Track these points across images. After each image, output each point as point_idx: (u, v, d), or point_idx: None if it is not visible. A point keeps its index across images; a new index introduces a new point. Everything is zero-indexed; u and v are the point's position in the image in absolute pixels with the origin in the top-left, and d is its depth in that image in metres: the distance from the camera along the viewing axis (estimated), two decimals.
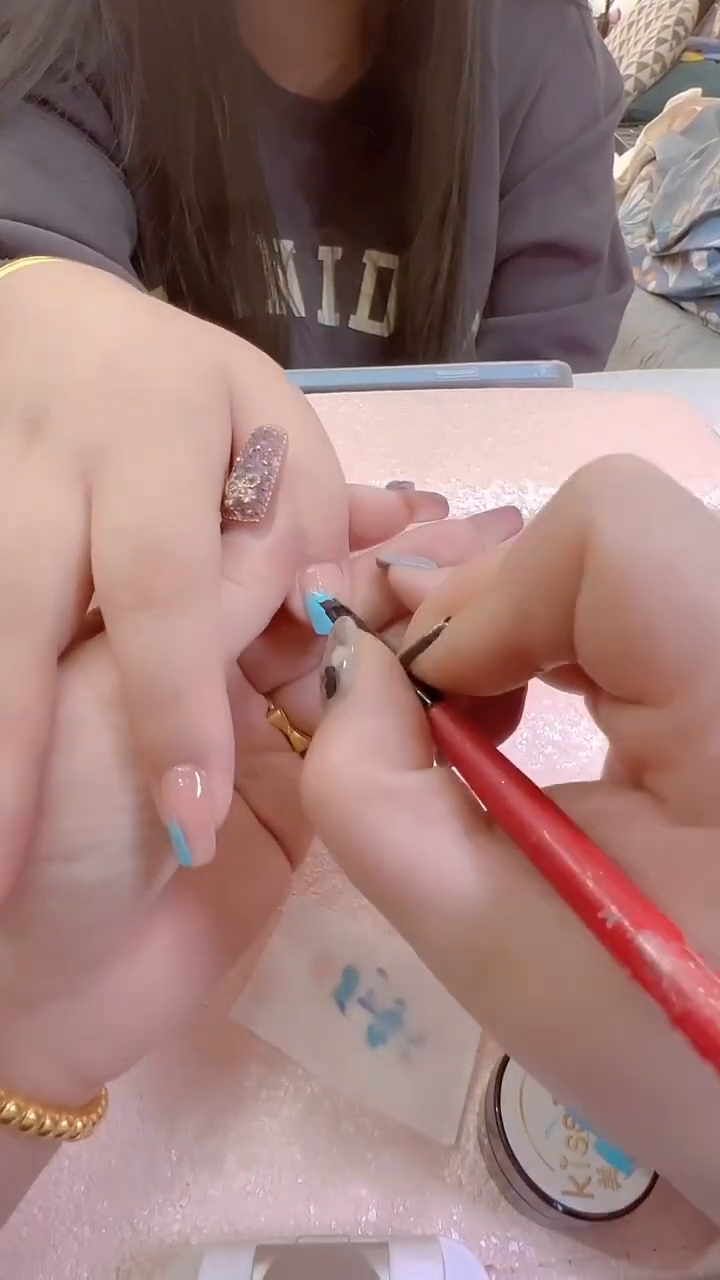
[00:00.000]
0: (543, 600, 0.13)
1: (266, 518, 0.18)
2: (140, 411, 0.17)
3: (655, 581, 0.12)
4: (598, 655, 0.13)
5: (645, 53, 2.17)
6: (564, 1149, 0.24)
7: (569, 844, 0.12)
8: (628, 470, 0.13)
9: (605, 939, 0.11)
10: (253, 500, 0.18)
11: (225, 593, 0.18)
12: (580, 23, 0.60)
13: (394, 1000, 0.31)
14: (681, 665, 0.11)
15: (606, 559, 0.12)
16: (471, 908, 0.13)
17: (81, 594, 0.17)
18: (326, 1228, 0.26)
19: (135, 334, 0.19)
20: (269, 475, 0.18)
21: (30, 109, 0.50)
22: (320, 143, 0.57)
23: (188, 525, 0.16)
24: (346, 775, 0.15)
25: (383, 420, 0.45)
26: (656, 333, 1.51)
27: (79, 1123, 0.20)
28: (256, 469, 0.18)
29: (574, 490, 0.13)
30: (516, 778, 0.14)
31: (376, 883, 0.14)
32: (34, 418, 0.18)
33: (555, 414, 0.45)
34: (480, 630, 0.15)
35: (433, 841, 0.14)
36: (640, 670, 0.12)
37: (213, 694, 0.16)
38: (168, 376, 0.18)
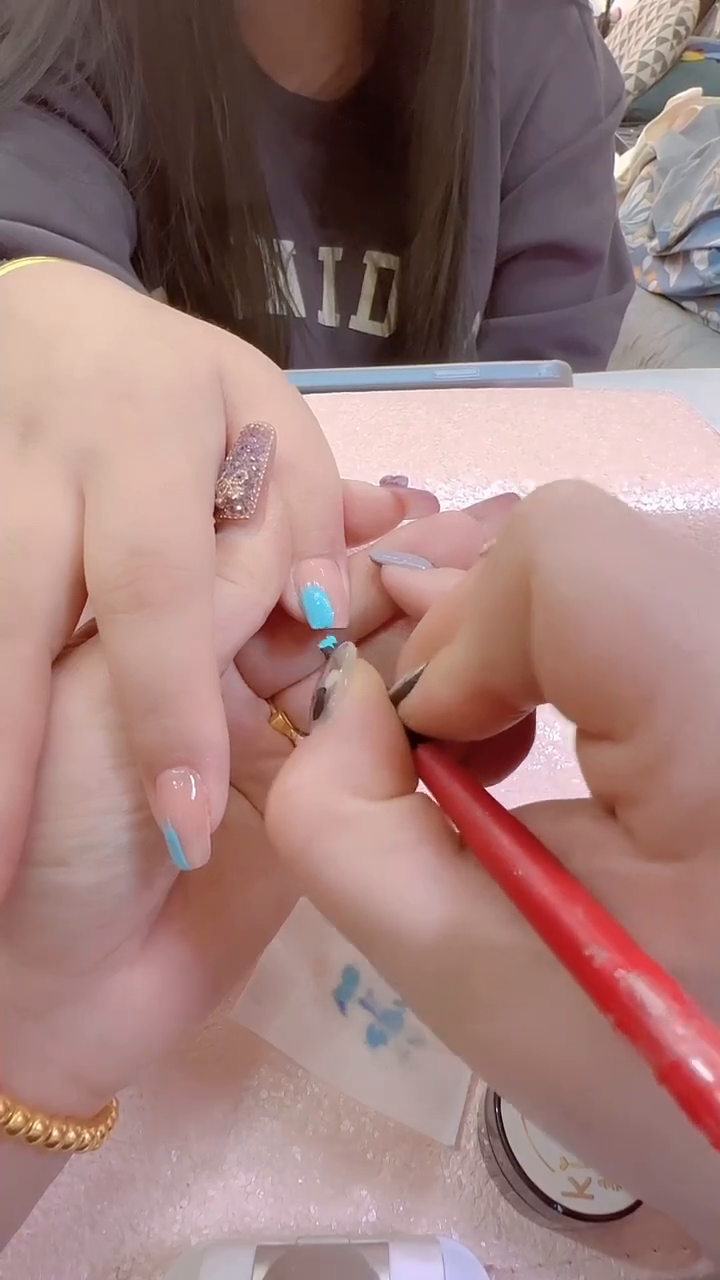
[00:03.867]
0: (502, 641, 0.13)
1: (256, 515, 0.18)
2: (133, 413, 0.17)
3: (601, 610, 0.11)
4: (559, 692, 0.12)
5: (646, 52, 2.17)
6: (564, 1150, 0.24)
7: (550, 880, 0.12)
8: (566, 496, 0.12)
9: (589, 979, 0.10)
10: (241, 497, 0.18)
11: (218, 591, 0.17)
12: (581, 23, 0.60)
13: (394, 1000, 0.31)
14: (636, 692, 0.11)
15: (549, 590, 0.12)
16: (432, 935, 0.13)
17: (75, 597, 0.17)
18: (327, 1228, 0.26)
19: (129, 335, 0.19)
20: (257, 472, 0.18)
21: (30, 110, 0.50)
22: (321, 143, 0.57)
23: (179, 527, 0.16)
24: (305, 799, 0.15)
25: (383, 420, 0.45)
26: (657, 332, 1.51)
27: (87, 1134, 0.19)
28: (245, 466, 0.18)
29: (518, 521, 0.13)
30: (498, 813, 0.13)
31: (328, 907, 0.14)
32: (28, 418, 0.18)
33: (556, 413, 0.45)
34: (450, 678, 0.15)
35: (390, 870, 0.13)
36: (599, 703, 0.12)
37: (206, 695, 0.16)
38: (161, 377, 0.18)
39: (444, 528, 0.22)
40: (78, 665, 0.17)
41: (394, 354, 0.63)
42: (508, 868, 0.12)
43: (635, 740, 0.11)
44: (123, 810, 0.17)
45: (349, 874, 0.14)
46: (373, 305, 0.63)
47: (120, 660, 0.16)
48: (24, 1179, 0.20)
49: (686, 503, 0.40)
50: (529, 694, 0.13)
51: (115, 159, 0.53)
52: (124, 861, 0.17)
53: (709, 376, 0.62)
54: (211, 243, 0.55)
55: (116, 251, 0.54)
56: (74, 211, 0.50)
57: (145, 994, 0.20)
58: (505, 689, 0.14)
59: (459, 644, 0.14)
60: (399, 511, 0.23)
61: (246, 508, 0.18)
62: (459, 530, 0.22)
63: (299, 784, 0.15)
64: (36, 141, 0.50)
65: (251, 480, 0.18)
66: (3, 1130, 0.18)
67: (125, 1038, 0.20)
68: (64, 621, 0.17)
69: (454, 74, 0.51)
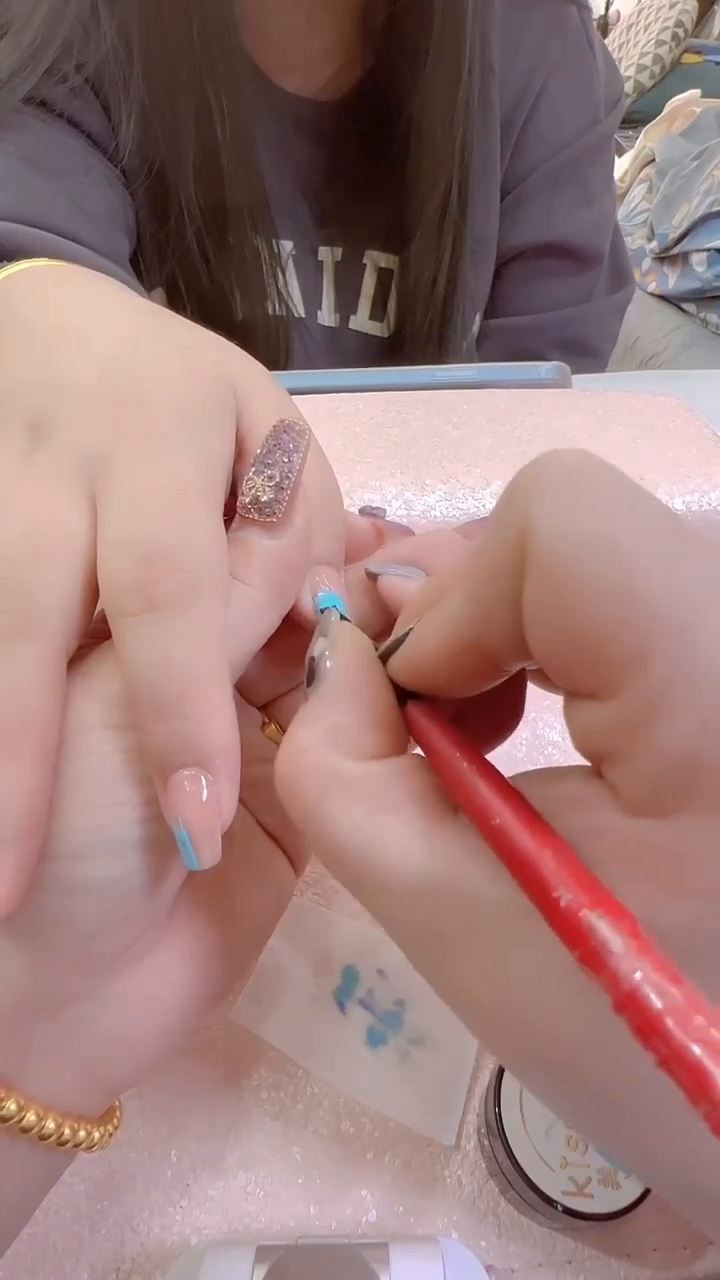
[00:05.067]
0: (494, 599, 0.13)
1: (284, 518, 0.18)
2: (142, 418, 0.17)
3: (593, 569, 0.12)
4: (547, 650, 0.13)
5: (645, 54, 2.18)
6: (564, 1149, 0.24)
7: (526, 828, 0.12)
8: (567, 462, 0.13)
9: (556, 919, 0.11)
10: (270, 500, 0.18)
11: (234, 594, 0.18)
12: (581, 24, 0.60)
13: (394, 1001, 0.31)
14: (627, 654, 0.11)
15: (543, 549, 0.12)
16: (418, 889, 0.14)
17: (88, 599, 0.17)
18: (327, 1228, 0.26)
19: (136, 340, 0.19)
20: (289, 473, 0.18)
21: (29, 111, 0.50)
22: (320, 143, 0.57)
23: (187, 530, 0.16)
24: (310, 760, 0.15)
25: (382, 421, 0.45)
26: (656, 334, 1.51)
27: (96, 1133, 0.20)
28: (276, 465, 0.18)
29: (516, 487, 0.13)
30: (482, 767, 0.14)
31: (334, 862, 0.15)
32: (34, 421, 0.18)
33: (555, 415, 0.45)
34: (440, 632, 0.15)
35: (384, 827, 0.14)
36: (587, 662, 0.12)
37: (217, 697, 0.16)
38: (169, 383, 0.18)
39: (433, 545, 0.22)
40: (92, 669, 0.17)
41: (393, 354, 0.63)
42: (487, 816, 0.13)
43: (622, 698, 0.12)
44: (136, 805, 0.17)
45: (350, 831, 0.14)
46: (372, 305, 0.63)
47: (131, 663, 0.16)
48: (33, 1178, 0.20)
49: (685, 504, 0.40)
50: (516, 652, 0.14)
51: (114, 160, 0.53)
52: (139, 855, 0.17)
53: (708, 378, 0.63)
54: (211, 243, 0.55)
55: (116, 252, 0.54)
56: (73, 212, 0.50)
57: (157, 991, 0.20)
58: (494, 645, 0.14)
59: (452, 598, 0.15)
60: (377, 541, 0.23)
61: (275, 510, 0.18)
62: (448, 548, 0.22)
63: (305, 744, 0.16)
64: (36, 142, 0.50)
65: (282, 482, 0.18)
66: (15, 1129, 0.18)
67: (138, 1035, 0.20)
68: (78, 623, 0.17)
69: (453, 74, 0.51)
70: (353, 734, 0.16)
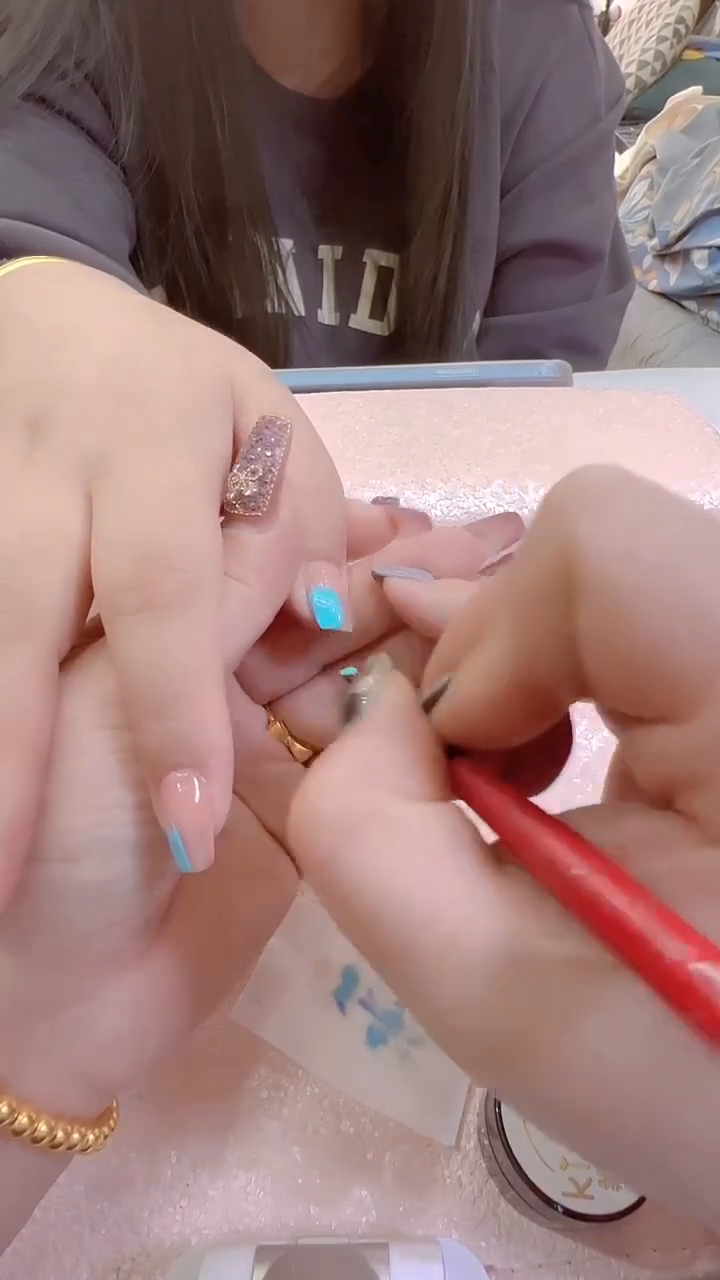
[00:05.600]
0: (541, 630, 0.12)
1: (269, 511, 0.18)
2: (141, 418, 0.17)
3: (653, 588, 0.11)
4: (609, 677, 0.12)
5: (646, 50, 2.17)
6: (564, 1150, 0.24)
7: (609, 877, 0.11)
8: (603, 478, 0.12)
9: (658, 975, 0.10)
10: (254, 494, 0.18)
11: (225, 591, 0.17)
12: (582, 22, 0.60)
13: (394, 1001, 0.31)
14: (698, 675, 0.11)
15: (596, 572, 0.11)
16: (478, 946, 0.11)
17: (83, 599, 0.17)
18: (327, 1228, 0.26)
19: (136, 339, 0.19)
20: (271, 467, 0.18)
21: (28, 107, 0.50)
22: (320, 141, 0.57)
23: (187, 530, 0.16)
24: (341, 796, 0.13)
25: (383, 419, 0.45)
26: (657, 331, 1.51)
27: (90, 1135, 0.19)
28: (259, 460, 0.18)
29: (552, 507, 0.12)
30: (544, 819, 0.13)
31: (357, 918, 0.12)
32: (34, 420, 0.18)
33: (556, 413, 0.45)
34: (486, 675, 0.14)
35: (435, 874, 0.12)
36: (655, 687, 0.11)
37: (212, 698, 0.16)
38: (168, 382, 0.18)
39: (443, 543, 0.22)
40: (85, 667, 0.17)
41: (393, 352, 0.63)
42: (561, 869, 0.11)
43: (700, 719, 0.11)
44: (129, 806, 0.17)
45: (386, 879, 0.12)
46: (372, 304, 0.63)
47: (126, 663, 0.16)
48: (27, 1180, 0.20)
49: None
50: (572, 685, 0.13)
51: (114, 156, 0.53)
52: (131, 857, 0.17)
53: (709, 376, 0.62)
54: (210, 241, 0.55)
55: (115, 250, 0.53)
56: (73, 210, 0.50)
57: (152, 992, 0.20)
58: (546, 681, 0.13)
59: (492, 640, 0.14)
60: (391, 530, 0.23)
61: (259, 504, 0.18)
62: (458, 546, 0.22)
63: (337, 780, 0.14)
64: (35, 140, 0.50)
65: (265, 476, 0.18)
66: (8, 1131, 0.18)
67: (132, 1036, 0.20)
68: (72, 624, 0.17)
69: (454, 72, 0.51)
70: (391, 776, 0.14)
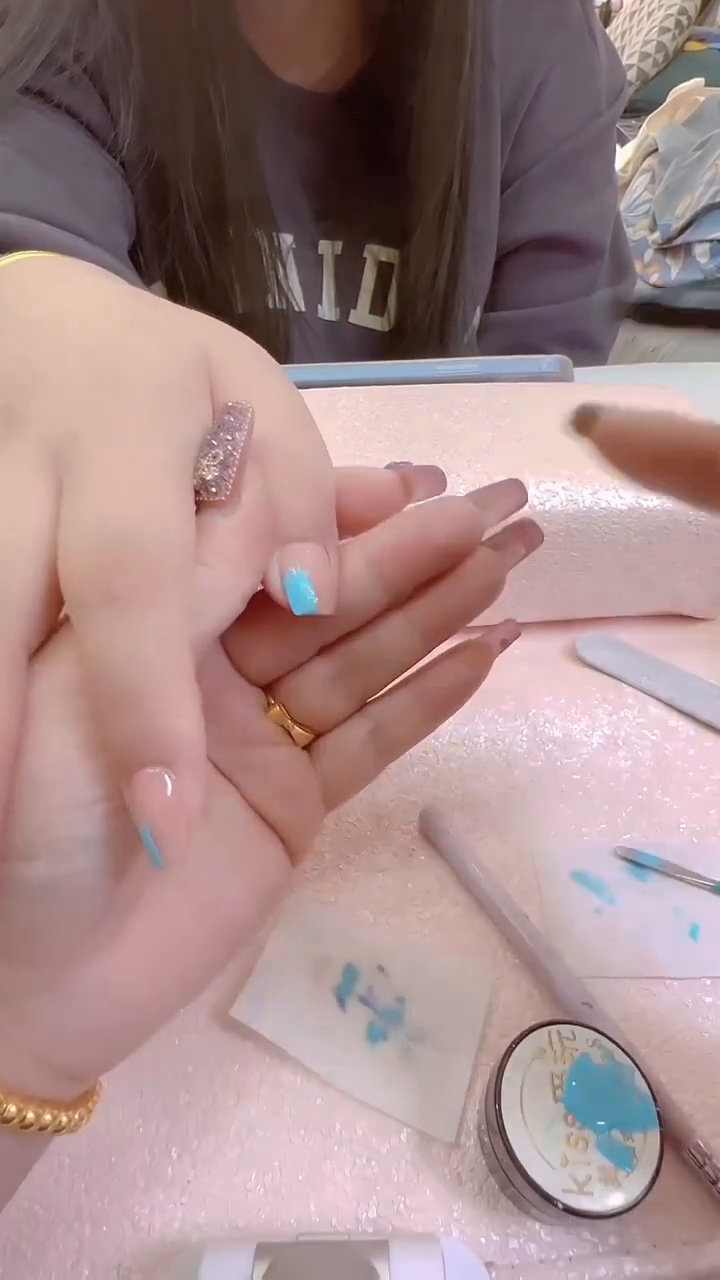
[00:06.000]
0: None
1: (232, 495, 0.18)
2: (114, 403, 0.17)
3: None
4: None
5: (648, 42, 2.16)
6: (564, 1147, 0.24)
7: None
8: None
9: None
10: (215, 478, 0.18)
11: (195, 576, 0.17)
12: (583, 15, 0.60)
13: (394, 997, 0.31)
14: None
15: None
16: None
17: (53, 591, 0.16)
18: (327, 1225, 0.26)
19: (113, 325, 0.19)
20: (233, 450, 0.18)
21: (27, 101, 0.50)
22: (320, 136, 0.57)
23: (156, 518, 0.16)
24: None
25: (383, 415, 0.45)
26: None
27: (64, 1116, 0.19)
28: (221, 445, 0.18)
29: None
30: None
31: None
32: (9, 406, 0.17)
33: (556, 408, 0.45)
34: None
35: None
36: None
37: (180, 691, 0.16)
38: (143, 366, 0.18)
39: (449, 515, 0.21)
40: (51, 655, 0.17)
41: (394, 348, 0.63)
42: None
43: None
44: (90, 802, 0.16)
45: None
46: (372, 299, 0.63)
47: (92, 655, 0.16)
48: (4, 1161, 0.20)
49: None
50: None
51: (113, 151, 0.53)
52: (90, 853, 0.17)
53: (710, 371, 0.62)
54: (211, 236, 0.55)
55: (115, 245, 0.53)
56: (72, 204, 0.50)
57: (122, 983, 0.19)
58: None
59: None
60: (404, 494, 0.22)
61: (221, 488, 0.18)
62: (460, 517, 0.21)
63: None
64: (34, 134, 0.50)
65: (227, 460, 0.18)
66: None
67: (100, 1026, 0.19)
68: (41, 620, 0.16)
69: (454, 66, 0.51)
70: None
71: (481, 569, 0.23)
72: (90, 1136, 0.27)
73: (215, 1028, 0.30)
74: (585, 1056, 0.26)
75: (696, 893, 0.34)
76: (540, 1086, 0.25)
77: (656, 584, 0.43)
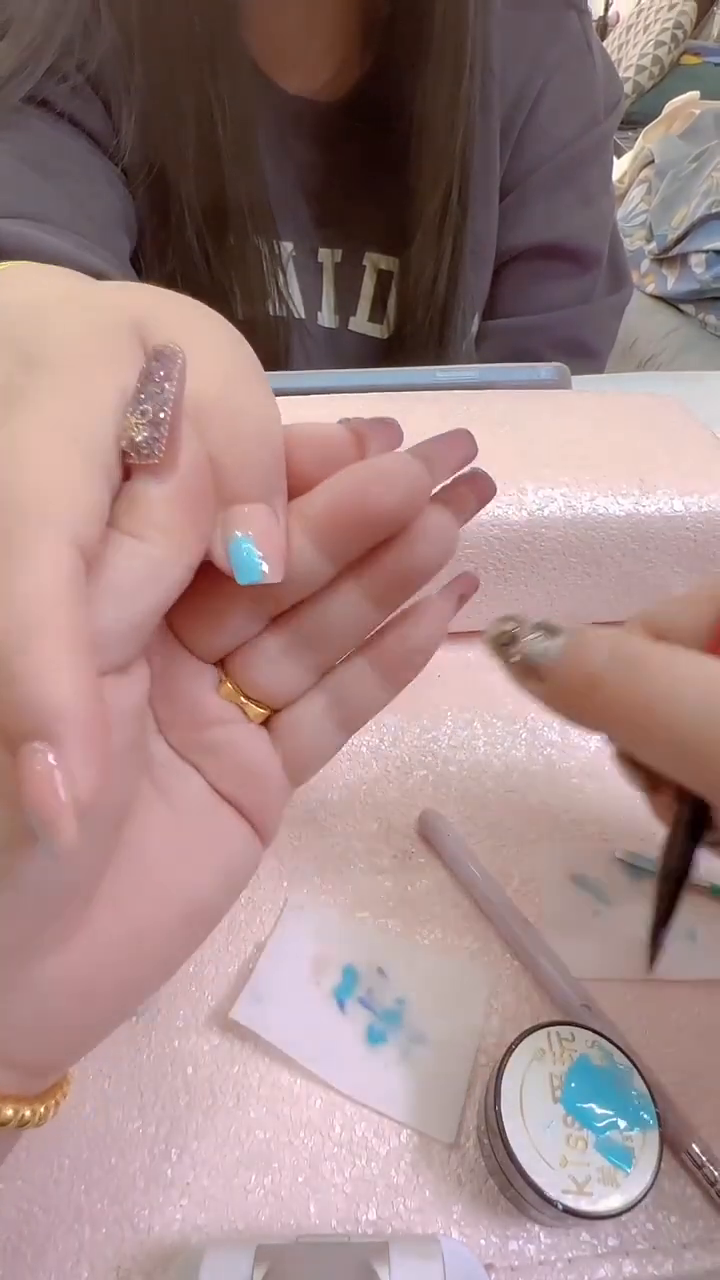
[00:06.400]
0: None
1: (166, 458, 0.16)
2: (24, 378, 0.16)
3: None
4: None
5: (644, 55, 2.18)
6: (564, 1148, 0.24)
7: None
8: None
9: None
10: (146, 439, 0.16)
11: (124, 550, 0.16)
12: (580, 26, 0.60)
13: (394, 999, 0.31)
14: None
15: None
16: None
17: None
18: (327, 1226, 0.26)
19: (43, 302, 0.18)
20: (163, 405, 0.16)
21: (29, 110, 0.50)
22: (320, 144, 0.57)
23: (32, 471, 0.15)
24: None
25: None
26: (655, 335, 1.51)
27: (26, 1111, 0.19)
28: (150, 399, 0.16)
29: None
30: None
31: None
32: None
33: (555, 416, 0.45)
34: None
35: None
36: None
37: (51, 653, 0.14)
38: (56, 340, 0.17)
39: (383, 479, 0.19)
40: None
41: (393, 355, 0.63)
42: None
43: None
44: None
45: None
46: (372, 306, 0.63)
47: None
48: None
49: (685, 505, 0.40)
50: None
51: (115, 159, 0.53)
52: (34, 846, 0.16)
53: (707, 379, 0.63)
54: (211, 243, 0.55)
55: (117, 251, 0.54)
56: (73, 212, 0.50)
57: (83, 975, 0.19)
58: None
59: None
60: (356, 449, 0.20)
61: (154, 450, 0.16)
62: (399, 480, 0.19)
63: None
64: (36, 142, 0.51)
65: (157, 417, 0.16)
66: None
67: (63, 1020, 0.19)
68: None
69: (454, 75, 0.51)
70: None
71: (433, 530, 0.20)
72: (90, 1137, 0.27)
73: (215, 1029, 0.30)
74: (584, 1058, 0.26)
75: (695, 895, 0.34)
76: (540, 1087, 0.25)
77: (653, 589, 0.43)
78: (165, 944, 0.20)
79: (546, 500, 0.40)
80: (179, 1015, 0.30)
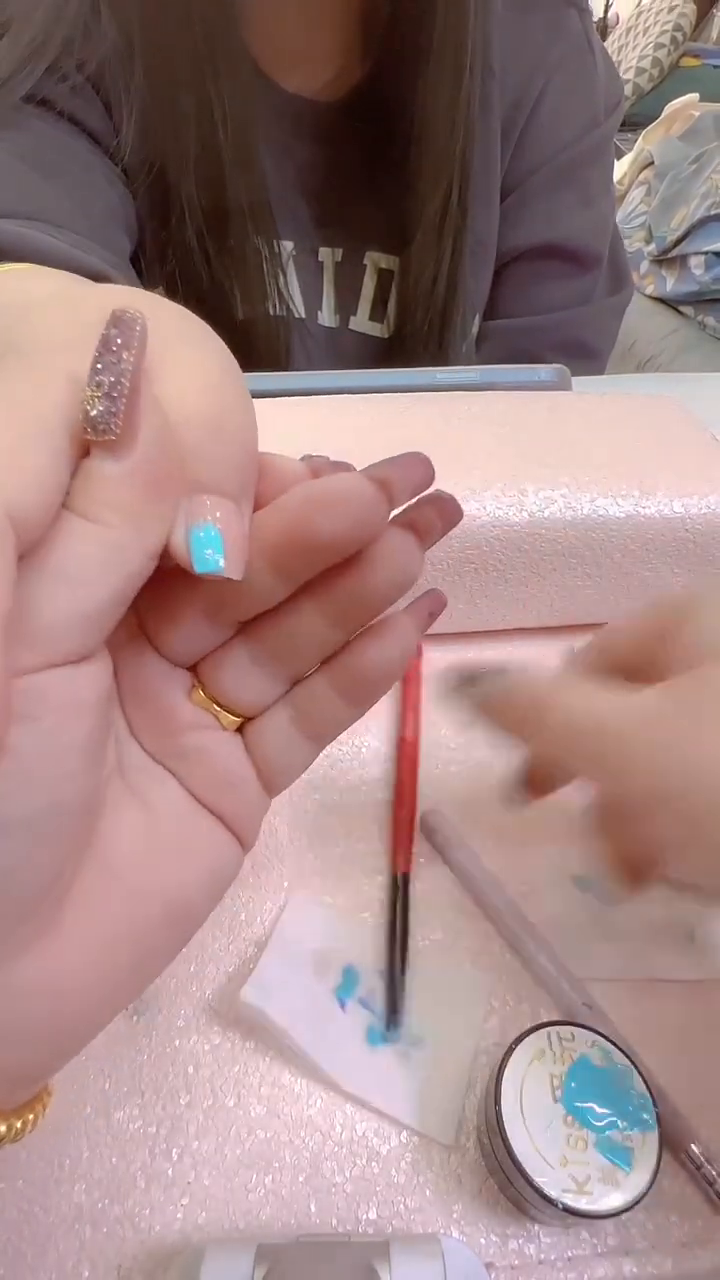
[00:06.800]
0: None
1: (124, 435, 0.15)
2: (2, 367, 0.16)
3: None
4: None
5: (643, 57, 2.18)
6: (564, 1147, 0.24)
7: None
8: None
9: None
10: (101, 413, 0.15)
11: (76, 533, 0.15)
12: (581, 26, 0.61)
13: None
14: None
15: None
16: None
17: None
18: (327, 1226, 0.26)
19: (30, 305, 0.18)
20: (121, 375, 0.15)
21: (29, 109, 0.50)
22: (321, 144, 0.58)
23: None
24: None
25: (382, 423, 0.45)
26: (654, 336, 1.51)
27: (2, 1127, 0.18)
28: (107, 369, 0.15)
29: None
30: None
31: None
32: None
33: (555, 417, 0.45)
34: None
35: None
36: None
37: None
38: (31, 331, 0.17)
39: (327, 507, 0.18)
40: None
41: (393, 355, 0.63)
42: None
43: None
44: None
45: None
46: (372, 306, 0.63)
47: None
48: None
49: (684, 506, 0.40)
50: None
51: (115, 158, 0.53)
52: None
53: (706, 380, 0.63)
54: (212, 243, 0.55)
55: (117, 251, 0.54)
56: (73, 212, 0.50)
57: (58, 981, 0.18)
58: None
59: None
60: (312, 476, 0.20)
61: (110, 425, 0.15)
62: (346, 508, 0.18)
63: None
64: (36, 141, 0.51)
65: (114, 389, 0.15)
66: None
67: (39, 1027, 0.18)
68: None
69: (455, 75, 0.52)
70: None
71: (391, 554, 0.19)
72: (91, 1137, 0.27)
73: (216, 1029, 0.30)
74: (585, 1058, 0.26)
75: None
76: (540, 1087, 0.25)
77: (653, 590, 0.43)
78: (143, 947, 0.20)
79: (547, 501, 0.40)
80: (179, 1015, 0.30)
